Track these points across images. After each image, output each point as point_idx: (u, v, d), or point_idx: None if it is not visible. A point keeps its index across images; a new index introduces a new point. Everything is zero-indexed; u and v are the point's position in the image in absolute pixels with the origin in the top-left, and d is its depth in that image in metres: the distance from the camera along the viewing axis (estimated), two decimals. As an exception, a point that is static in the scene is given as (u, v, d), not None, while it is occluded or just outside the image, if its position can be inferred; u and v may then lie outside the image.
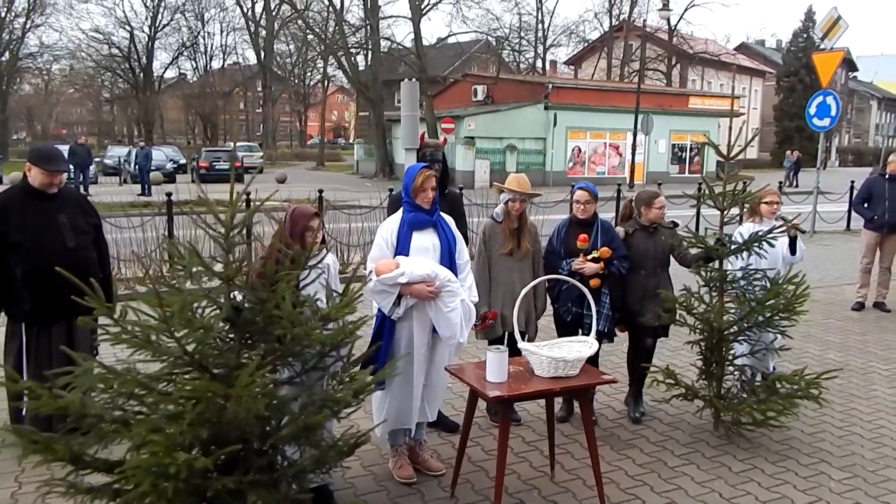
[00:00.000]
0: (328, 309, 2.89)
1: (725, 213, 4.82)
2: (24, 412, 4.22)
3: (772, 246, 4.85)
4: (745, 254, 4.93)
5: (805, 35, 51.38)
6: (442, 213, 4.17)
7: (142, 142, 30.22)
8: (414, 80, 10.51)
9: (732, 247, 4.83)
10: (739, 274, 4.85)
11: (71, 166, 22.32)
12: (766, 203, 5.57)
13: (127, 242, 9.13)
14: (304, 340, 2.76)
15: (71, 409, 2.44)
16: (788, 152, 35.41)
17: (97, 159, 27.43)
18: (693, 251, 4.99)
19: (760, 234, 4.78)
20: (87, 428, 2.50)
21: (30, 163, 4.39)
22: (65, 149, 22.41)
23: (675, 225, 5.22)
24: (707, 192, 4.83)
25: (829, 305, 8.77)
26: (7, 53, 46.26)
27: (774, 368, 5.45)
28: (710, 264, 4.89)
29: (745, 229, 5.34)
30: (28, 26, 46.72)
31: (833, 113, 14.67)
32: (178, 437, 2.39)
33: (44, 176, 4.36)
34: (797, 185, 30.52)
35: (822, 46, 17.12)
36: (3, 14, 44.89)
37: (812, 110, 15.04)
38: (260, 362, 2.67)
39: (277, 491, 2.62)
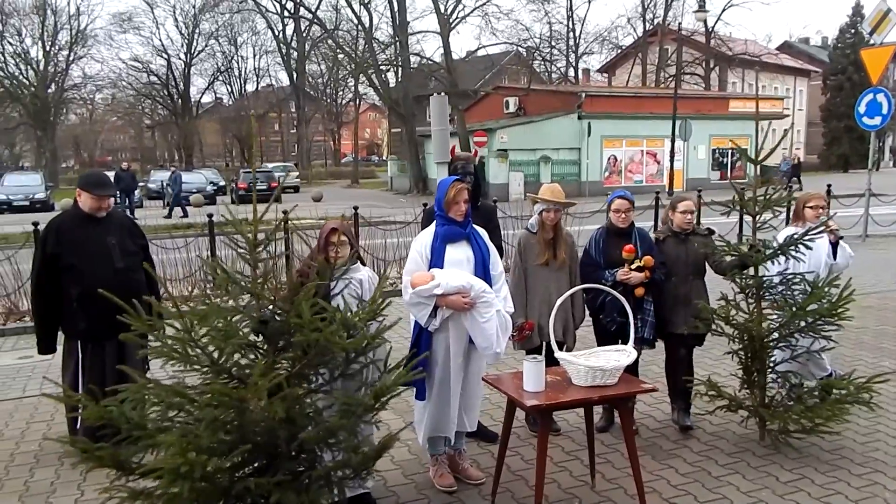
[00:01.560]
0: (350, 317, 2.96)
1: (758, 218, 4.74)
2: (78, 424, 4.41)
3: (809, 249, 4.74)
4: (781, 259, 4.82)
5: (853, 31, 49.55)
6: (475, 226, 4.18)
7: (173, 166, 31.00)
8: (443, 94, 10.55)
9: (768, 252, 4.74)
10: (777, 279, 4.75)
11: (117, 191, 22.97)
12: (810, 207, 5.45)
13: (172, 263, 9.36)
14: (326, 348, 2.82)
15: (108, 417, 2.55)
16: (786, 154, 33.71)
17: (141, 184, 28.12)
18: (728, 259, 4.90)
19: (795, 237, 4.69)
20: (125, 435, 2.61)
21: (80, 188, 4.68)
22: (110, 175, 23.10)
23: (711, 232, 5.13)
24: (738, 197, 4.75)
25: (883, 311, 8.47)
26: (53, 85, 47.87)
27: (833, 374, 5.30)
28: (746, 271, 4.81)
29: (785, 234, 5.23)
30: (71, 58, 48.45)
31: (885, 111, 14.17)
32: (201, 441, 2.46)
33: (93, 200, 4.61)
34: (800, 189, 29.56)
35: (870, 42, 16.61)
36: (47, 48, 46.55)
37: (862, 109, 14.61)
38: (267, 363, 2.74)
39: (307, 494, 2.66)
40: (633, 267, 4.72)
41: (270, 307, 2.90)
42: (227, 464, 2.43)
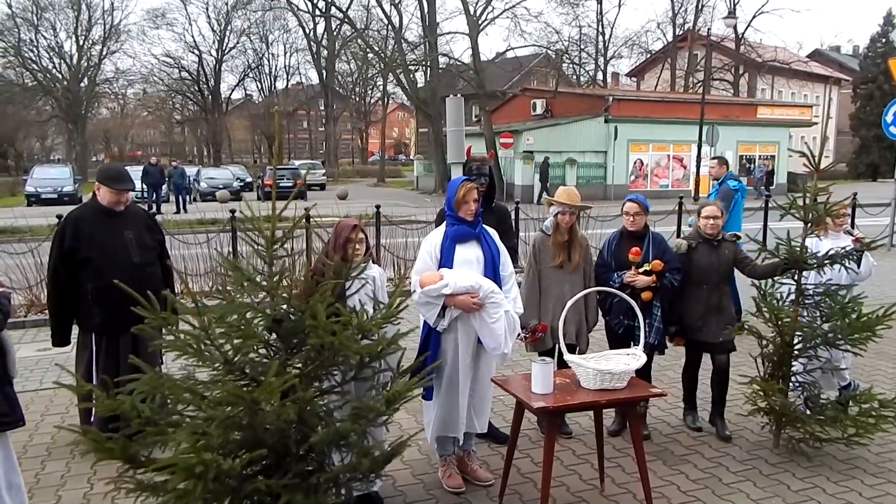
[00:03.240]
0: (365, 321, 2.96)
1: (809, 224, 4.71)
2: (92, 416, 4.46)
3: (858, 262, 4.77)
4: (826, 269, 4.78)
5: (884, 40, 49.16)
6: (486, 226, 4.19)
7: (175, 161, 31.34)
8: (458, 95, 10.51)
9: (812, 262, 4.69)
10: (818, 289, 4.71)
11: (144, 186, 23.22)
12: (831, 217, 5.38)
13: (193, 258, 9.47)
14: (341, 350, 2.82)
15: (119, 409, 2.58)
16: (762, 161, 32.49)
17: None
18: (765, 263, 4.87)
19: (848, 249, 4.68)
20: (136, 428, 2.63)
21: (98, 182, 4.66)
22: (139, 169, 23.38)
23: (737, 237, 5.10)
24: (793, 203, 4.73)
25: (904, 321, 8.36)
26: (85, 80, 48.55)
27: (852, 385, 5.25)
28: (787, 276, 4.75)
29: (810, 243, 5.16)
30: (104, 53, 49.11)
31: (912, 121, 14.01)
32: (213, 439, 2.48)
33: (112, 195, 4.61)
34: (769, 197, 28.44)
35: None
36: (81, 42, 47.25)
37: (889, 118, 14.38)
38: (279, 365, 2.74)
39: (316, 496, 2.67)
40: (640, 270, 4.72)
41: (284, 306, 2.89)
42: (237, 464, 2.43)
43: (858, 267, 5.21)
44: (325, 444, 2.76)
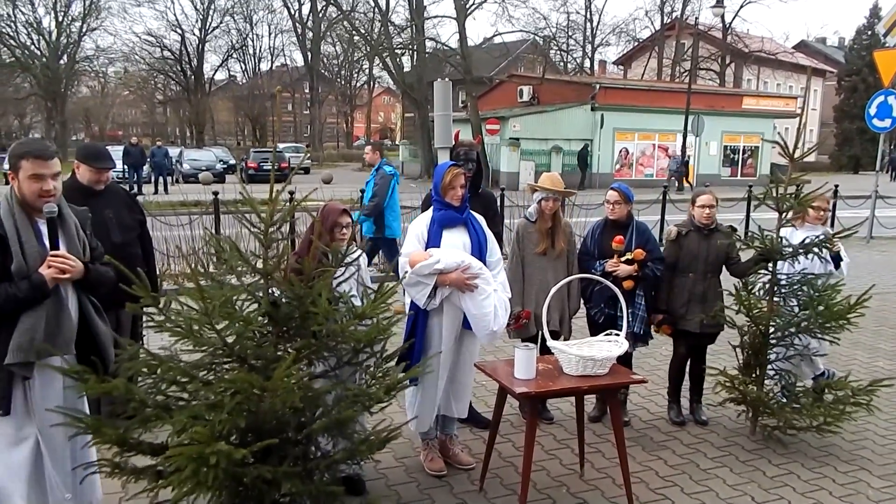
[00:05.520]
0: (363, 307, 2.95)
1: (784, 215, 4.74)
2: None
3: (829, 251, 4.81)
4: (800, 258, 4.83)
5: (869, 32, 49.37)
6: (473, 212, 4.19)
7: (159, 141, 31.01)
8: (447, 79, 10.43)
9: (787, 251, 4.73)
10: (795, 277, 4.76)
11: (125, 166, 22.94)
12: (812, 208, 5.44)
13: (175, 240, 9.38)
14: (338, 337, 2.82)
15: (114, 393, 2.55)
16: (674, 152, 31.14)
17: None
18: (744, 262, 4.91)
19: (821, 239, 4.72)
20: (131, 412, 2.61)
21: (78, 160, 4.53)
22: (120, 149, 23.07)
23: (734, 230, 5.11)
24: (767, 193, 4.75)
25: (881, 313, 8.46)
26: (65, 57, 47.56)
27: (827, 373, 5.32)
28: (763, 267, 4.80)
29: (786, 234, 5.22)
30: (84, 30, 47.78)
31: (895, 113, 14.16)
32: (218, 425, 2.47)
33: (91, 173, 4.49)
34: (682, 189, 27.76)
35: (885, 43, 16.47)
36: (60, 18, 46.21)
37: (872, 110, 14.50)
38: (296, 356, 2.73)
39: (311, 481, 2.68)
40: (622, 259, 4.75)
41: (280, 290, 2.86)
42: (242, 454, 2.43)
43: (836, 268, 5.24)
44: (324, 430, 2.76)
